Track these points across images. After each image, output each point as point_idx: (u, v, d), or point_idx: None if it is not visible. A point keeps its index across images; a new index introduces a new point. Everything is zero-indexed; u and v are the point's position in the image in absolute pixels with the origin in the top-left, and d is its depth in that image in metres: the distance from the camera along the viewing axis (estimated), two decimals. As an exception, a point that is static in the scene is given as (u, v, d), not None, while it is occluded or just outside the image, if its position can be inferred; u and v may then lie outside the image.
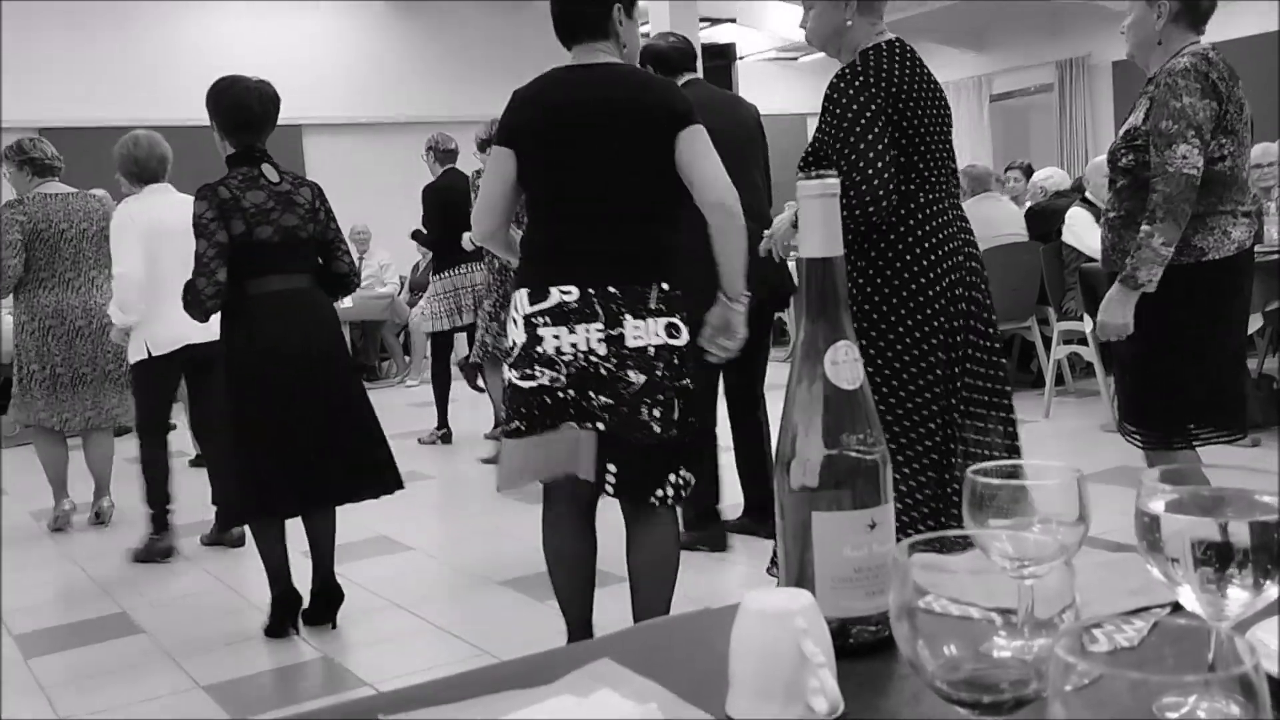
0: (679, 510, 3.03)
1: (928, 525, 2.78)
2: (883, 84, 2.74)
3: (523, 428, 2.74)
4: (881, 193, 2.68)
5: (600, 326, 2.66)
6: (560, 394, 2.69)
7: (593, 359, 2.67)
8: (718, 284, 2.91)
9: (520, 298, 2.72)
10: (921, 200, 2.78)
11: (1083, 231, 6.24)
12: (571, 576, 2.95)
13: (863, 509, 0.89)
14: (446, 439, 7.07)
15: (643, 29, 11.57)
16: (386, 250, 10.29)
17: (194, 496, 5.87)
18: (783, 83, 13.41)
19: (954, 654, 0.68)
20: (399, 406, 8.50)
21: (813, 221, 0.92)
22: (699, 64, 4.70)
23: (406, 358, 10.15)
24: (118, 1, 10.02)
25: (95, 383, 5.20)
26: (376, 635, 3.73)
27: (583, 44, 2.82)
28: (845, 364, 0.90)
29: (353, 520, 5.19)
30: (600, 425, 2.70)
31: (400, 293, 10.25)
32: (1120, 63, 11.35)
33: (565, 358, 2.67)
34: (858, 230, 2.77)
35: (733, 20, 11.30)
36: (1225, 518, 0.68)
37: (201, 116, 3.68)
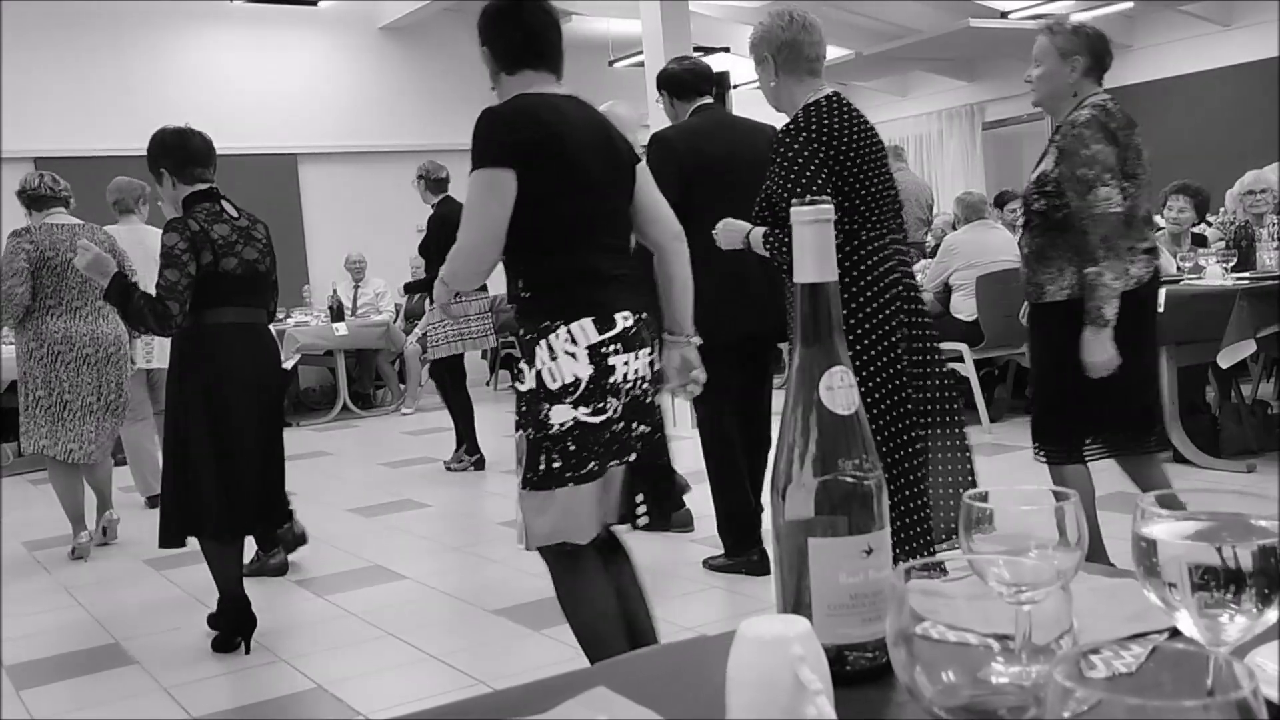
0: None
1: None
2: (824, 136, 3.11)
3: (597, 468, 2.58)
4: None
5: (649, 350, 2.65)
6: (614, 427, 2.59)
7: (643, 385, 2.63)
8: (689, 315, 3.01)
9: (584, 328, 2.55)
10: (864, 237, 3.13)
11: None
12: (618, 635, 2.68)
13: (859, 535, 0.89)
14: (480, 465, 6.93)
15: (637, 57, 11.60)
16: (381, 278, 10.31)
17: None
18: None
19: (952, 680, 0.68)
20: (394, 435, 8.50)
21: (806, 247, 0.92)
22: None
23: (401, 386, 10.14)
24: (112, 32, 10.07)
25: (99, 412, 5.24)
26: (370, 665, 3.71)
27: (539, 72, 2.70)
28: (840, 389, 0.90)
29: (346, 549, 5.18)
30: (632, 456, 2.63)
31: (395, 320, 10.26)
32: (1110, 91, 11.43)
33: (628, 385, 2.60)
34: None
35: (726, 49, 11.36)
36: (1223, 542, 0.68)
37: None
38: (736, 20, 11.14)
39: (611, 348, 2.56)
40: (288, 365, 8.67)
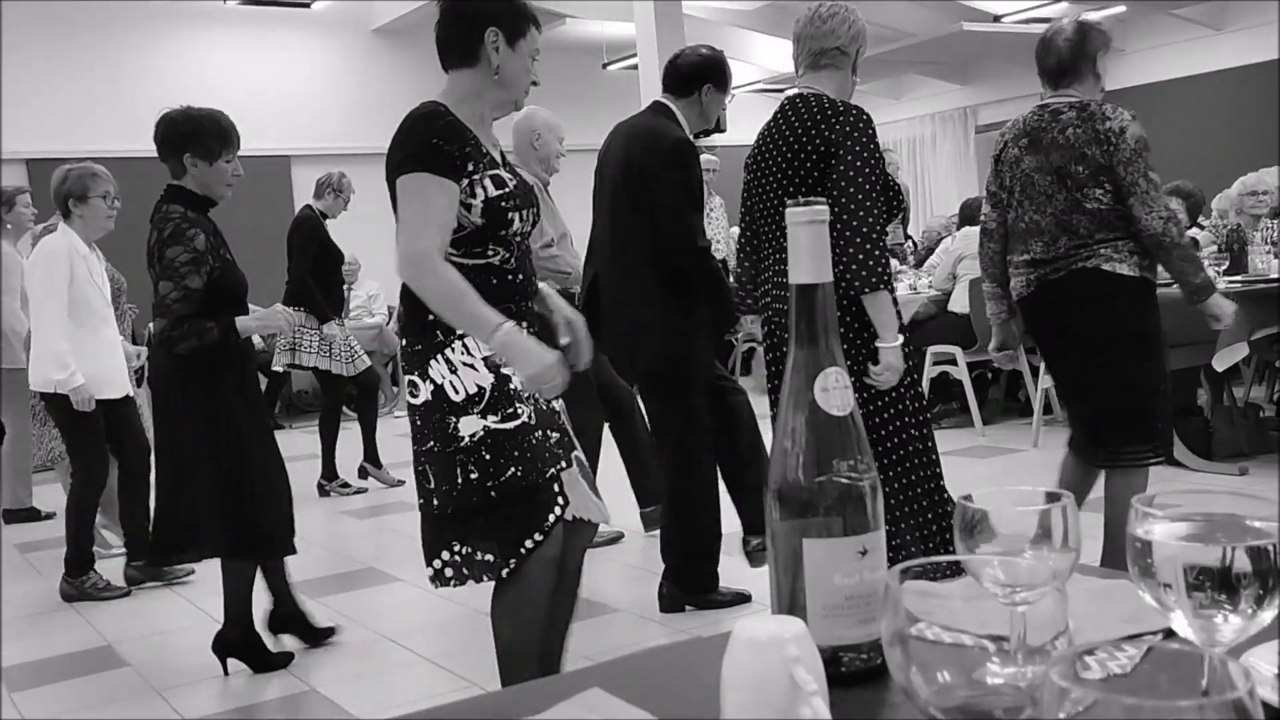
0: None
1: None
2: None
3: (520, 474, 2.50)
4: None
5: None
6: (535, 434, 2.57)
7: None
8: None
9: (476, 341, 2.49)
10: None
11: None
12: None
13: (853, 535, 0.89)
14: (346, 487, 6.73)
15: (630, 60, 11.45)
16: (375, 280, 10.28)
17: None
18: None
19: (947, 681, 0.68)
20: (386, 437, 8.46)
21: (801, 248, 0.91)
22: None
23: (395, 388, 10.12)
24: (105, 33, 10.05)
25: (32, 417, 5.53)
26: (364, 668, 3.70)
27: (449, 71, 2.58)
28: (835, 390, 0.90)
29: (340, 552, 5.17)
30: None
31: (389, 323, 10.24)
32: (1106, 94, 11.45)
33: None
34: None
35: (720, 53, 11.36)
36: (1218, 543, 0.68)
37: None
38: (731, 23, 11.15)
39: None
40: (279, 368, 8.65)
